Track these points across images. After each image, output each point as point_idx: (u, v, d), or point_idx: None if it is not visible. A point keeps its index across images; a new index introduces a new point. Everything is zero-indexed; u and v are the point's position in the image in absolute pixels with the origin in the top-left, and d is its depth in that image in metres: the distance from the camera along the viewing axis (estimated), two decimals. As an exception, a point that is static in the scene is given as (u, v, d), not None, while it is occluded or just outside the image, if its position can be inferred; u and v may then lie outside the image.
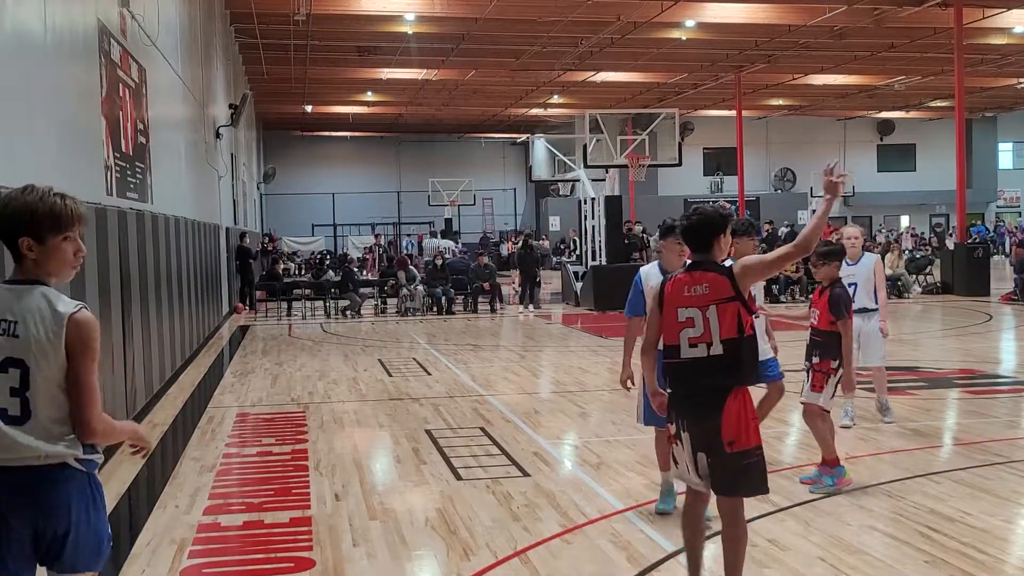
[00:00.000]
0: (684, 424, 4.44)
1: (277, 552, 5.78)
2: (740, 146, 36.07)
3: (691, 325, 4.39)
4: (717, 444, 4.34)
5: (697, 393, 4.43)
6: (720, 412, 4.33)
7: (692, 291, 4.43)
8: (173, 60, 14.49)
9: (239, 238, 24.18)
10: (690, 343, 4.40)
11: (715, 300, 4.37)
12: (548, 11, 23.80)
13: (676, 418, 4.51)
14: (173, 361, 12.66)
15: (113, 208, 9.01)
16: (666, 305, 4.51)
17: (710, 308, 4.36)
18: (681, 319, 4.42)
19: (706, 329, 4.36)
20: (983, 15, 24.47)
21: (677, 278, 4.54)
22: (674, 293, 4.49)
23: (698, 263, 4.52)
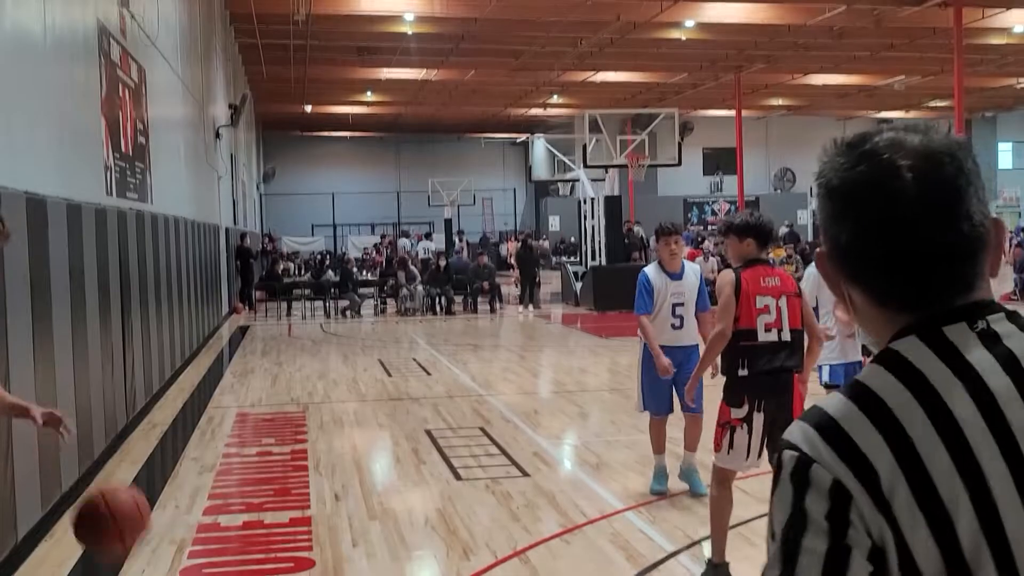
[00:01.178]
0: (760, 404, 4.75)
1: (277, 552, 5.78)
2: (740, 146, 36.05)
3: (767, 312, 4.79)
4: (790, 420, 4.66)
5: (778, 374, 4.77)
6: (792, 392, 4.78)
7: (766, 282, 4.85)
8: (173, 60, 14.49)
9: (239, 238, 24.19)
10: (766, 328, 4.77)
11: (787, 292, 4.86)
12: (548, 11, 23.79)
13: (751, 399, 4.78)
14: (173, 361, 12.65)
15: (113, 208, 9.01)
16: (744, 295, 4.83)
17: (782, 298, 4.80)
18: (759, 306, 4.79)
19: (778, 317, 4.78)
20: (983, 15, 24.46)
21: (755, 269, 4.89)
22: (752, 282, 4.84)
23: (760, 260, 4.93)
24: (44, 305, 6.49)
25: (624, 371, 13.11)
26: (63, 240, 7.07)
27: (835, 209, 1.23)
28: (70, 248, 7.24)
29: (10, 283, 5.82)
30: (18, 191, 6.13)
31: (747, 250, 4.93)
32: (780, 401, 4.72)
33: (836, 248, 1.24)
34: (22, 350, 5.99)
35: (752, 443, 4.72)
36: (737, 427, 4.73)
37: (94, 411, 7.80)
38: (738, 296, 4.78)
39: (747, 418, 4.70)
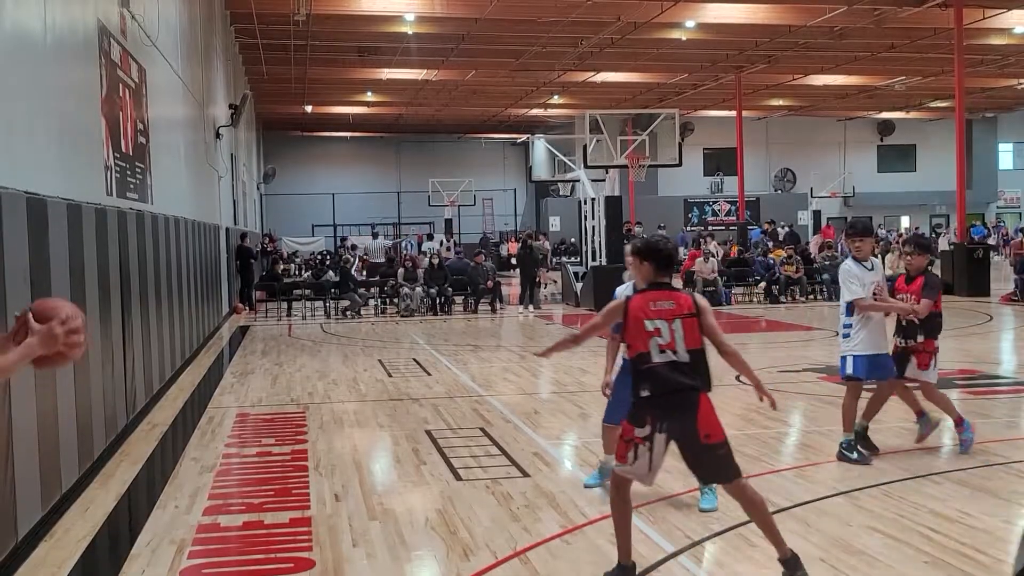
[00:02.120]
0: (663, 425, 4.83)
1: (277, 552, 5.77)
2: (740, 146, 36.06)
3: (658, 335, 4.84)
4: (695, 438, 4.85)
5: (680, 394, 4.84)
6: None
7: (657, 306, 4.89)
8: (173, 60, 14.49)
9: (240, 238, 24.19)
10: (660, 349, 4.83)
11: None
12: (548, 11, 23.81)
13: (653, 420, 4.86)
14: (173, 361, 12.66)
15: (113, 208, 9.01)
16: (631, 319, 4.91)
17: (676, 321, 4.85)
18: (650, 329, 4.83)
19: (672, 338, 4.83)
20: (983, 15, 24.48)
21: (647, 294, 4.95)
22: (641, 308, 4.91)
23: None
24: (44, 305, 6.48)
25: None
26: (63, 240, 7.07)
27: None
28: (70, 248, 7.24)
29: (10, 283, 5.82)
30: (18, 191, 6.13)
31: (645, 273, 5.03)
32: (683, 420, 4.81)
33: None
34: (22, 350, 5.98)
35: (653, 460, 4.85)
36: (640, 444, 4.85)
37: (94, 411, 7.80)
38: (626, 321, 4.88)
39: (649, 437, 4.82)
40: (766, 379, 12.40)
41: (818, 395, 10.73)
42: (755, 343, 16.46)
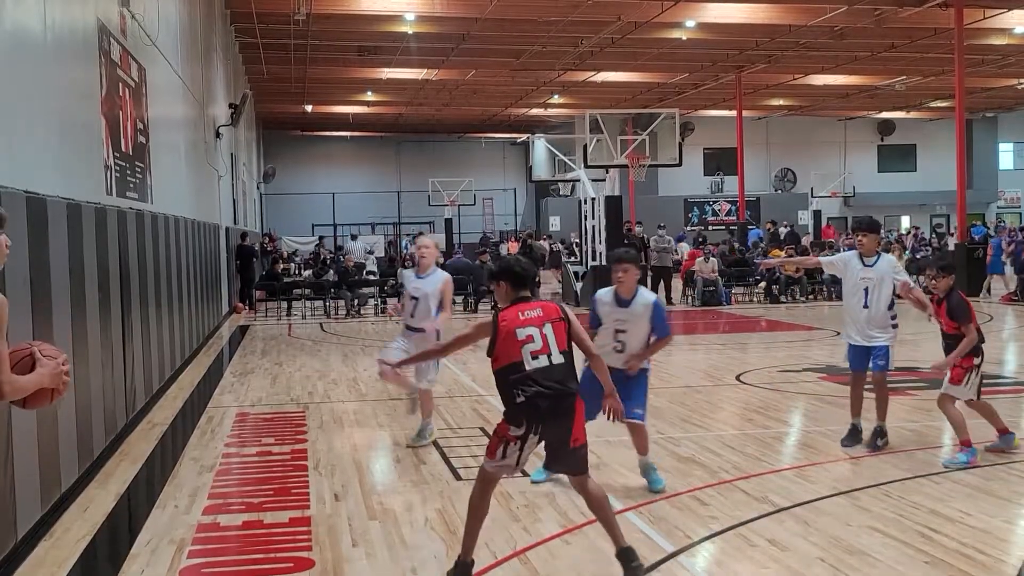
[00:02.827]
0: (538, 428, 5.02)
1: (276, 552, 5.77)
2: (740, 146, 36.06)
3: (531, 341, 5.04)
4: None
5: (558, 398, 5.02)
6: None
7: (525, 315, 5.13)
8: (173, 60, 14.49)
9: (240, 237, 24.18)
10: (532, 355, 5.02)
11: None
12: (548, 11, 23.81)
13: (530, 422, 5.03)
14: (173, 361, 12.65)
15: (113, 208, 9.01)
16: (502, 334, 5.13)
17: (546, 325, 5.06)
18: (521, 337, 5.04)
19: (544, 343, 5.03)
20: (984, 15, 24.47)
21: (512, 308, 5.18)
22: (510, 320, 5.16)
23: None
24: (44, 305, 6.49)
25: (624, 371, 13.11)
26: (63, 240, 7.06)
27: None
28: (70, 248, 7.24)
29: (10, 283, 5.81)
30: (18, 191, 6.12)
31: (504, 292, 5.25)
32: (559, 423, 5.00)
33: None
34: (22, 350, 5.97)
35: (521, 458, 5.06)
36: (511, 443, 5.01)
37: (94, 410, 7.80)
38: (495, 339, 5.09)
39: (522, 437, 4.99)
40: (767, 379, 12.42)
41: (818, 395, 10.73)
42: (755, 343, 16.46)
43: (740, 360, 13.84)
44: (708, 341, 16.90)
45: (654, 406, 10.14)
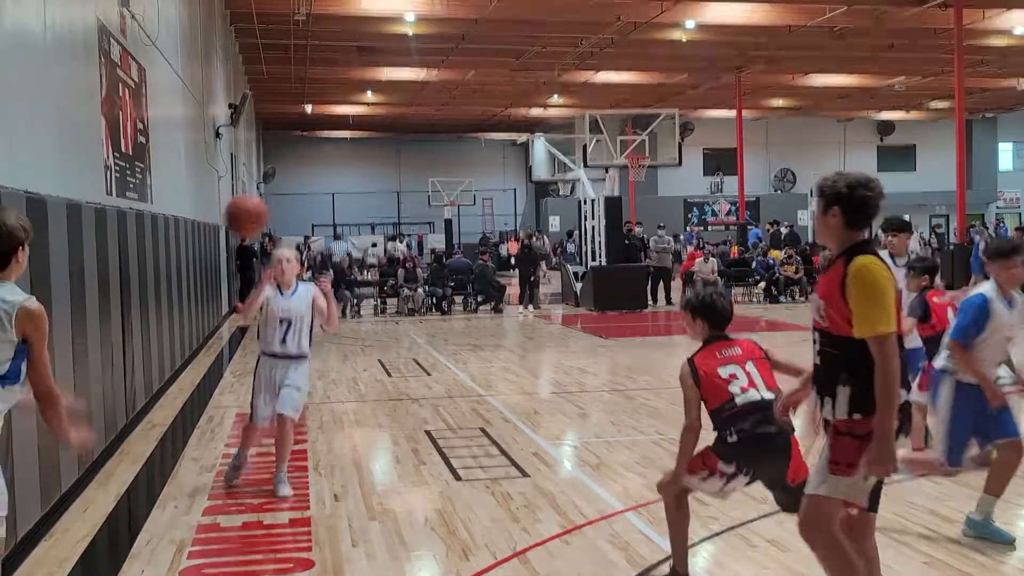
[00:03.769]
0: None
1: (276, 552, 5.78)
2: (740, 146, 36.05)
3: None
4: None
5: None
6: None
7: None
8: (173, 60, 14.49)
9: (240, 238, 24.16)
10: None
11: None
12: (548, 11, 23.80)
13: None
14: (173, 361, 12.65)
15: (113, 208, 9.01)
16: None
17: None
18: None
19: None
20: (983, 16, 24.46)
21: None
22: None
23: None
24: (44, 305, 6.47)
25: (624, 371, 13.12)
26: (63, 240, 7.06)
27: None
28: (70, 248, 7.24)
29: (10, 283, 5.81)
30: (18, 191, 6.12)
31: (699, 329, 5.11)
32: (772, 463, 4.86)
33: None
34: (22, 350, 5.97)
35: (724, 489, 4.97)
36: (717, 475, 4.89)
37: (94, 411, 7.80)
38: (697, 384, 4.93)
39: (732, 475, 4.82)
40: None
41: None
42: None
43: (740, 360, 13.79)
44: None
45: (653, 406, 10.17)
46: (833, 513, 3.95)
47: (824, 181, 4.06)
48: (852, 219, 3.93)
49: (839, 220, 3.94)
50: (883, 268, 3.83)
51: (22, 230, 3.99)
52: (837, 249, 3.96)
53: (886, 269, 3.85)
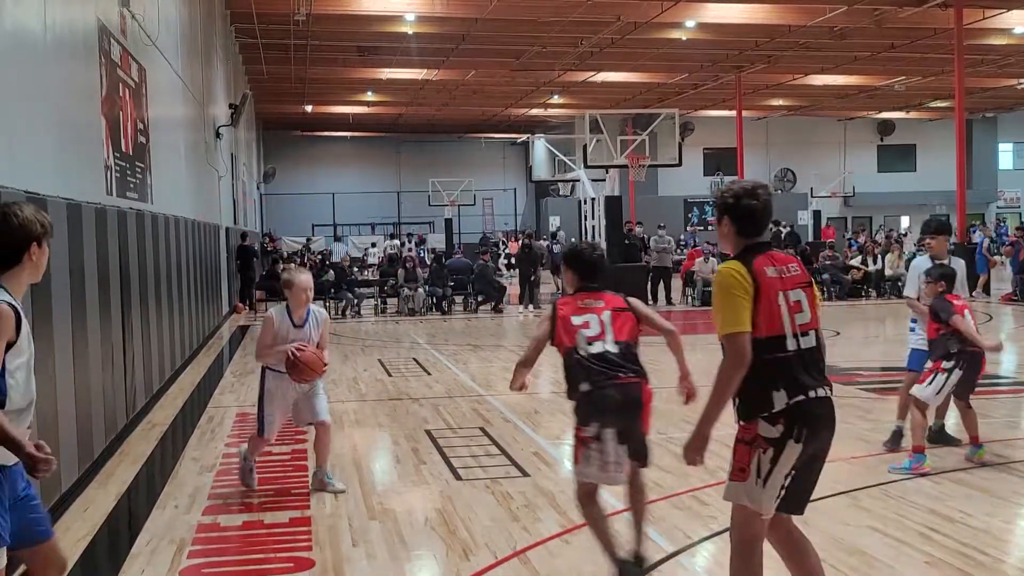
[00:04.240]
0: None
1: (277, 552, 5.78)
2: (740, 146, 36.06)
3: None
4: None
5: None
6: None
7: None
8: (173, 60, 14.49)
9: (240, 237, 24.17)
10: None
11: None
12: (548, 11, 23.80)
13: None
14: (173, 361, 12.65)
15: (113, 208, 9.01)
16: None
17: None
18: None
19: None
20: (983, 16, 24.46)
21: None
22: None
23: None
24: (44, 305, 6.48)
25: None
26: (63, 240, 7.06)
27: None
28: (70, 248, 7.24)
29: (10, 283, 5.81)
30: (18, 191, 6.13)
31: (570, 280, 5.43)
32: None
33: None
34: (22, 350, 5.98)
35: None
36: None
37: (94, 411, 7.80)
38: (553, 326, 5.19)
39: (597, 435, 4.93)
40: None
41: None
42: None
43: (740, 360, 13.79)
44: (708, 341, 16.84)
45: (653, 406, 10.16)
46: (742, 519, 4.00)
47: (716, 192, 4.30)
48: (742, 227, 4.10)
49: (731, 229, 4.11)
50: (736, 273, 3.93)
51: (37, 224, 3.69)
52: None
53: (741, 274, 3.95)
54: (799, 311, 4.00)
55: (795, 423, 3.87)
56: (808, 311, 4.02)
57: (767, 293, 3.92)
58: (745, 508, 3.96)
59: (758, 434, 3.90)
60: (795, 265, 4.12)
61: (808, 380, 3.93)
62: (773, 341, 3.91)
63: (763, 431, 3.89)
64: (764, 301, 3.91)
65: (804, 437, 3.88)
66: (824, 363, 4.06)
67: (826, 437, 3.99)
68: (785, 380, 3.89)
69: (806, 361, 3.95)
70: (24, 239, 3.64)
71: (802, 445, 3.88)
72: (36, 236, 3.67)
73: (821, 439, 3.98)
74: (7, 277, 3.68)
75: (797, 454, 3.89)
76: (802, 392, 3.90)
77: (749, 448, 3.93)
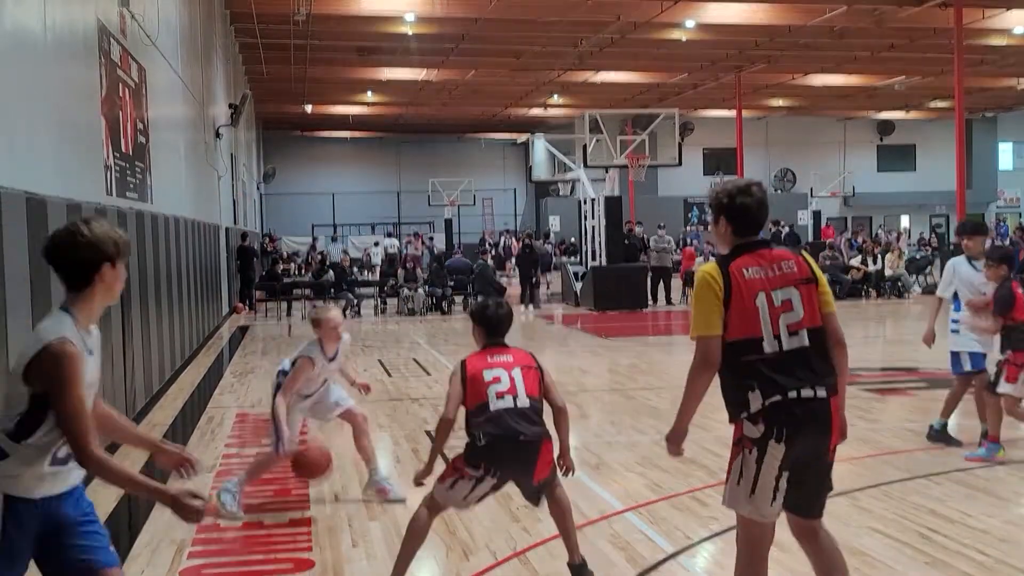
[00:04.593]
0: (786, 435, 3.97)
1: (277, 553, 5.78)
2: (740, 146, 36.06)
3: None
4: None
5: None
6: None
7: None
8: (173, 60, 14.48)
9: (241, 238, 24.18)
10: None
11: None
12: (548, 11, 23.80)
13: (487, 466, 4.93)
14: (173, 361, 12.65)
15: (113, 208, 9.01)
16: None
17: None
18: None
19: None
20: (983, 15, 24.47)
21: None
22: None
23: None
24: (44, 305, 6.48)
25: (624, 371, 13.12)
26: (63, 240, 7.05)
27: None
28: (70, 248, 7.22)
29: (10, 283, 5.82)
30: (18, 191, 6.12)
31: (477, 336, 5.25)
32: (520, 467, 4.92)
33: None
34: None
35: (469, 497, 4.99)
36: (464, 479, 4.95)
37: (94, 411, 7.79)
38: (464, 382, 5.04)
39: (479, 478, 4.91)
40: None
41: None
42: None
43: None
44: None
45: (653, 406, 10.16)
46: (742, 522, 3.98)
47: (711, 192, 4.25)
48: (737, 226, 4.07)
49: (727, 228, 4.09)
50: (708, 276, 3.94)
51: (110, 243, 3.31)
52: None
53: (713, 277, 3.95)
54: (788, 311, 3.91)
55: (774, 423, 3.83)
56: (801, 310, 3.93)
57: (742, 295, 3.89)
58: (739, 515, 3.97)
59: (743, 434, 3.90)
60: (791, 262, 4.01)
61: (788, 380, 3.84)
62: (747, 343, 3.88)
63: (747, 431, 3.88)
64: (737, 303, 3.88)
65: (784, 437, 3.82)
66: (828, 361, 3.97)
67: (815, 438, 3.90)
68: (760, 381, 3.84)
69: (790, 361, 3.87)
70: (94, 260, 3.27)
71: (784, 445, 3.82)
72: (109, 256, 3.31)
73: (808, 440, 3.88)
74: (76, 301, 3.30)
75: (781, 454, 3.84)
76: (779, 392, 3.83)
77: (737, 448, 3.93)
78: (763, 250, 4.02)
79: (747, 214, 4.06)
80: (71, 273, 3.29)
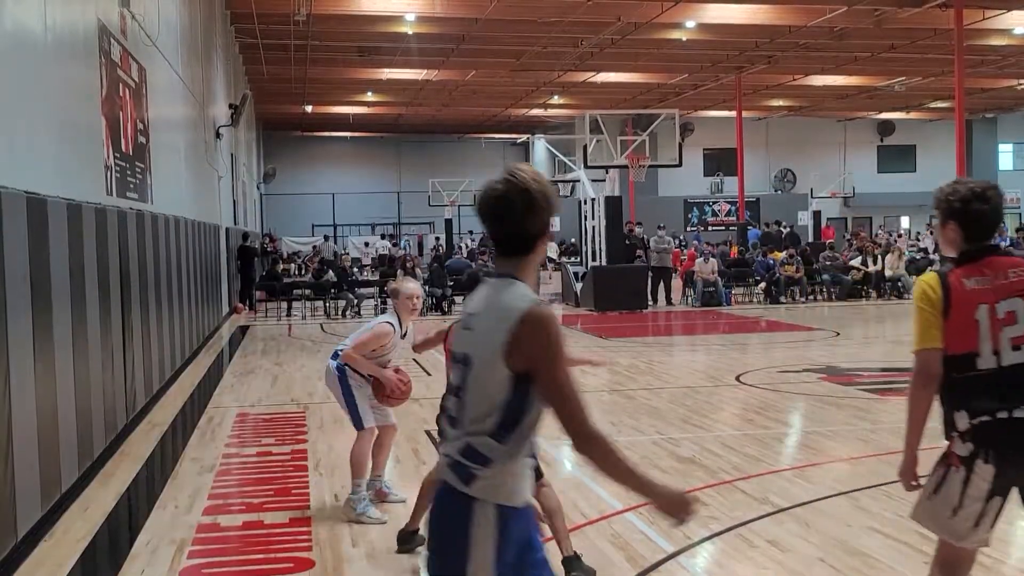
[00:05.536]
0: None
1: (276, 552, 5.77)
2: (740, 147, 36.06)
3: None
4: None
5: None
6: None
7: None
8: (173, 60, 14.49)
9: (241, 238, 24.17)
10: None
11: None
12: (548, 11, 23.80)
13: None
14: (173, 361, 12.65)
15: (113, 208, 9.01)
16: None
17: None
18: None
19: None
20: (983, 16, 24.46)
21: None
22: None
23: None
24: (44, 305, 6.49)
25: (624, 371, 13.12)
26: (63, 240, 7.07)
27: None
28: (70, 248, 7.24)
29: (10, 283, 5.82)
30: (18, 191, 6.12)
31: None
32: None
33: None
34: (22, 350, 5.98)
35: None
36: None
37: (94, 411, 7.80)
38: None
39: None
40: (766, 379, 12.42)
41: (818, 395, 10.72)
42: (755, 343, 16.45)
43: (740, 361, 13.83)
44: (708, 342, 16.91)
45: (653, 406, 10.17)
46: (939, 542, 3.90)
47: (939, 194, 3.88)
48: (969, 233, 3.79)
49: (959, 234, 3.80)
50: (926, 286, 3.71)
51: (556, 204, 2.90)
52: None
53: (932, 287, 3.71)
54: (1011, 323, 3.65)
55: (980, 445, 3.65)
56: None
57: (961, 308, 3.65)
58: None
59: (952, 450, 3.73)
60: (1022, 270, 3.73)
61: (1003, 399, 3.62)
62: (962, 359, 3.66)
63: (957, 448, 3.71)
64: (955, 316, 3.66)
65: (991, 459, 3.63)
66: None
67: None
68: (970, 400, 3.66)
69: (1009, 378, 3.63)
70: (545, 224, 2.88)
71: (993, 467, 3.62)
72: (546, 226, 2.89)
73: (1017, 465, 3.66)
74: (522, 269, 2.84)
75: (991, 476, 3.64)
76: (987, 413, 3.63)
77: (942, 463, 3.76)
78: (990, 257, 3.76)
79: (980, 221, 3.77)
80: (522, 237, 2.87)
